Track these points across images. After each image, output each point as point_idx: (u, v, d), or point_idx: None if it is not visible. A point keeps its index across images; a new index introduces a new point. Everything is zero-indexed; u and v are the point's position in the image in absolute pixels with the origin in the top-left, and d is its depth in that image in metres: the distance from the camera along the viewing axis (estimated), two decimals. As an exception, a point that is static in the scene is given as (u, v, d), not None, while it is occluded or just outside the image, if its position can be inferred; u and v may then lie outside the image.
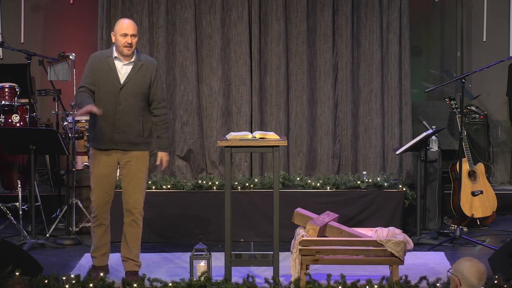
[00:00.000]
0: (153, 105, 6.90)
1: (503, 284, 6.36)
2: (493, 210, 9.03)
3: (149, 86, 6.85)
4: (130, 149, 6.84)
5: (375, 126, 9.31)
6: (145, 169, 6.95)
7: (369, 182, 8.79)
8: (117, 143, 6.81)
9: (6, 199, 9.01)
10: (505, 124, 10.39)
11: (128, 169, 6.87)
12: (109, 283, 6.58)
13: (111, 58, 6.83)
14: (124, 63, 6.83)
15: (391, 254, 6.66)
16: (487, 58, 9.99)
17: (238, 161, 9.27)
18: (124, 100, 6.78)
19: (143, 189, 6.94)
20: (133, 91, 6.80)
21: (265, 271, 7.04)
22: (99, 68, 6.82)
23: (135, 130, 6.83)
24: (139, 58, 6.87)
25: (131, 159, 6.86)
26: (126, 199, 6.90)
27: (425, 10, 10.49)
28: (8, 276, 6.23)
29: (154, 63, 6.95)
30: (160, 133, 6.97)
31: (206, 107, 9.29)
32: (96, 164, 6.86)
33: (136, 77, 6.82)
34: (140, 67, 6.84)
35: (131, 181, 6.87)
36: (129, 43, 6.76)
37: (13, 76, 9.63)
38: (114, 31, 6.84)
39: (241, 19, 9.22)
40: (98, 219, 6.93)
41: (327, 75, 9.29)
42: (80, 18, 10.37)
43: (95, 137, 6.86)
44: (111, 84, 6.77)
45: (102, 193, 6.88)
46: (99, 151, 6.85)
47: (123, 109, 6.78)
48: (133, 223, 6.91)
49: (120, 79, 6.80)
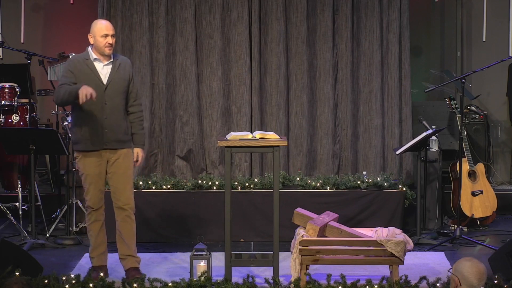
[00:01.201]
0: (130, 102, 7.00)
1: (503, 284, 6.36)
2: (493, 210, 9.03)
3: (128, 83, 6.96)
4: (119, 147, 6.92)
5: (375, 126, 9.31)
6: (132, 165, 7.03)
7: (369, 182, 8.79)
8: (107, 143, 6.87)
9: (6, 199, 9.02)
10: (505, 124, 10.39)
11: (117, 167, 6.92)
12: (109, 283, 6.58)
13: (90, 60, 6.90)
14: (104, 63, 6.91)
15: (391, 254, 6.66)
16: (487, 58, 9.99)
17: (238, 161, 9.27)
18: (109, 99, 6.86)
19: (131, 186, 7.01)
20: (117, 89, 6.89)
21: (265, 271, 7.04)
22: (80, 70, 6.87)
23: (122, 128, 6.92)
24: (116, 57, 6.97)
25: (119, 156, 6.93)
26: (117, 196, 6.95)
27: (425, 10, 10.49)
28: (8, 276, 6.23)
29: (129, 61, 7.08)
30: (136, 129, 7.03)
31: (206, 107, 9.29)
32: (88, 165, 6.90)
33: (117, 75, 6.91)
34: (119, 66, 6.94)
35: (120, 178, 6.93)
36: (110, 43, 6.86)
37: (13, 76, 9.63)
38: (93, 33, 6.91)
39: (241, 19, 9.22)
40: (93, 215, 6.98)
41: (327, 75, 9.29)
42: (80, 18, 10.36)
43: (82, 140, 6.89)
44: (95, 85, 6.81)
45: (97, 191, 6.94)
46: (88, 153, 6.89)
47: (109, 109, 6.85)
48: (127, 218, 6.95)
49: (102, 80, 6.87)
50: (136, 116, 7.03)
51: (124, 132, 6.94)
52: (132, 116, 7.02)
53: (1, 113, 9.06)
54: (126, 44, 9.18)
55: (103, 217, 7.03)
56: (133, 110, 7.01)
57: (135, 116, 7.02)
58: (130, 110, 7.01)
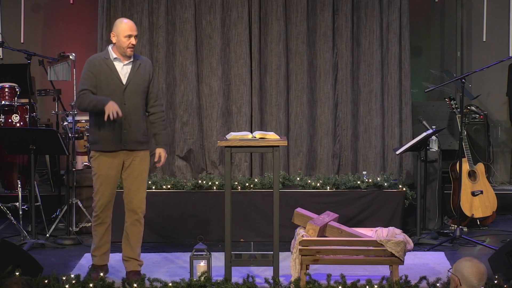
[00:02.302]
0: (150, 103, 6.95)
1: (503, 284, 6.36)
2: (493, 210, 9.03)
3: (148, 84, 6.90)
4: (137, 148, 6.87)
5: (375, 126, 9.31)
6: (148, 168, 7.01)
7: (369, 182, 8.79)
8: (125, 144, 6.82)
9: (6, 199, 9.01)
10: (505, 124, 10.39)
11: (133, 169, 6.88)
12: (109, 283, 6.58)
13: (110, 60, 6.84)
14: (124, 63, 6.86)
15: (391, 254, 6.66)
16: (487, 58, 9.99)
17: (238, 161, 9.27)
18: (128, 99, 6.81)
19: (145, 189, 6.98)
20: (136, 90, 6.84)
21: (265, 271, 7.04)
22: (99, 71, 6.82)
23: (141, 129, 6.88)
24: (136, 58, 6.91)
25: (136, 158, 6.89)
26: (129, 198, 6.91)
27: (425, 10, 10.49)
28: (8, 276, 6.23)
29: (150, 62, 7.04)
30: (158, 130, 6.99)
31: (206, 107, 9.29)
32: (102, 166, 6.85)
33: (137, 76, 6.86)
34: (139, 66, 6.89)
35: (135, 180, 6.89)
36: (133, 44, 6.81)
37: (13, 76, 9.63)
38: (116, 32, 6.83)
39: (241, 19, 9.22)
40: (100, 218, 6.94)
41: (327, 75, 9.29)
42: (80, 18, 10.37)
43: (100, 140, 6.84)
44: (114, 85, 6.79)
45: (107, 193, 6.89)
46: (104, 153, 6.84)
47: (128, 109, 6.80)
48: (137, 222, 6.93)
49: (122, 80, 6.82)
50: (158, 116, 6.97)
51: (143, 133, 6.88)
52: (154, 117, 6.96)
53: (1, 113, 9.06)
54: (126, 44, 9.18)
55: (109, 220, 6.98)
56: (154, 111, 6.95)
57: (156, 117, 6.96)
58: (151, 111, 6.95)
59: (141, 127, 6.87)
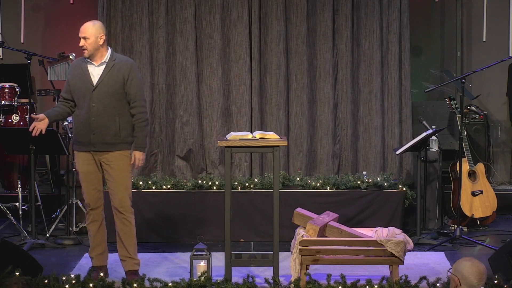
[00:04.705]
0: (130, 104, 6.92)
1: (503, 284, 6.36)
2: (493, 210, 9.03)
3: (123, 85, 6.87)
4: (107, 149, 6.87)
5: (375, 126, 9.31)
6: (127, 167, 6.93)
7: (369, 182, 8.79)
8: (94, 145, 6.86)
9: (6, 199, 9.02)
10: (505, 124, 10.39)
11: (109, 169, 6.90)
12: (109, 283, 6.58)
13: (84, 63, 6.91)
14: (96, 65, 6.88)
15: (391, 254, 6.66)
16: (487, 58, 9.99)
17: (238, 161, 9.27)
18: (97, 101, 6.82)
19: (127, 188, 6.93)
20: (106, 91, 6.83)
21: (265, 271, 7.04)
22: (74, 74, 6.93)
23: (111, 131, 6.85)
24: (112, 59, 6.90)
25: (111, 159, 6.89)
26: (112, 198, 6.97)
27: (425, 10, 10.49)
28: (8, 276, 6.23)
29: (129, 62, 6.96)
30: (136, 132, 6.95)
31: (206, 107, 9.29)
32: (81, 163, 6.95)
33: (108, 77, 6.86)
34: (112, 67, 6.87)
35: (113, 181, 6.91)
36: (80, 45, 6.87)
37: (13, 76, 9.63)
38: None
39: (241, 19, 9.22)
40: (90, 215, 7.00)
41: (327, 75, 9.29)
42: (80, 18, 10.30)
43: (75, 141, 6.98)
44: (84, 87, 6.84)
45: (91, 189, 6.93)
46: (79, 152, 6.95)
47: (97, 110, 6.82)
48: (124, 220, 6.94)
49: (92, 81, 6.85)
50: (136, 118, 6.92)
51: (114, 134, 6.84)
52: (133, 119, 6.93)
53: (1, 113, 9.07)
54: (126, 44, 9.19)
55: (101, 217, 7.01)
56: (133, 112, 6.92)
57: (135, 118, 6.92)
58: (131, 112, 6.92)
59: (111, 129, 6.83)
